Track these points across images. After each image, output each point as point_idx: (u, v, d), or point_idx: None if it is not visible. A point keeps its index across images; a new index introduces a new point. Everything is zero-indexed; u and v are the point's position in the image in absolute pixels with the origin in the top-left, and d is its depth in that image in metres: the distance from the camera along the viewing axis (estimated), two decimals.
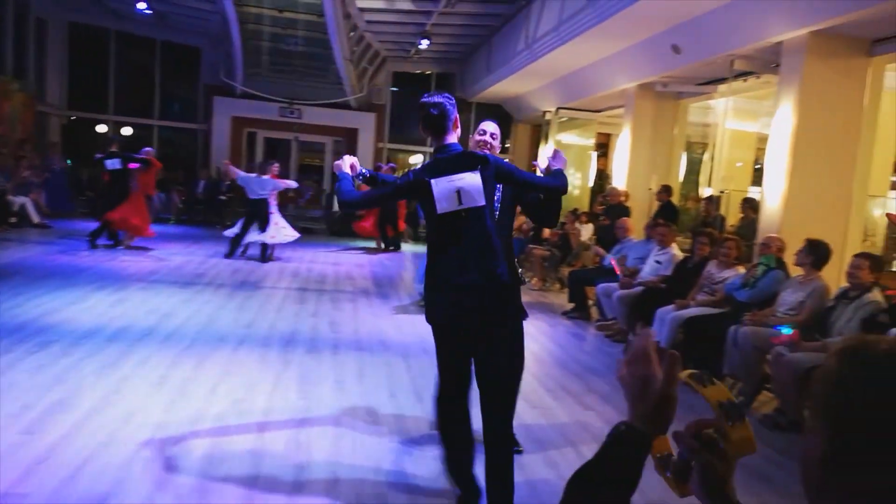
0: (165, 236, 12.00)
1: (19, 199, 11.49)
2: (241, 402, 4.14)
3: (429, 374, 5.06)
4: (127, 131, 16.50)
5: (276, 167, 10.61)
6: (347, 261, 11.23)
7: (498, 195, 3.14)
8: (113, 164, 9.73)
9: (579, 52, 9.45)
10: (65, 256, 9.01)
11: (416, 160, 18.57)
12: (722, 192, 8.17)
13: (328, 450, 3.54)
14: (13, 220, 11.20)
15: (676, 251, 6.69)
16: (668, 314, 5.72)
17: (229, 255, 10.16)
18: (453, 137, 2.94)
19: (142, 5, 12.67)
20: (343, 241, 13.73)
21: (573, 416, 4.44)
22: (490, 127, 3.38)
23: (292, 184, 10.78)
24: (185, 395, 4.17)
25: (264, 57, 15.20)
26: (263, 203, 9.92)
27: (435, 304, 2.89)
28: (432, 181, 2.81)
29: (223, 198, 14.96)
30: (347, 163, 3.06)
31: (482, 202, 2.81)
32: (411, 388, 4.71)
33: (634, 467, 0.92)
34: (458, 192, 2.79)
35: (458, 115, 2.99)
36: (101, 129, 16.22)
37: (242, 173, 10.17)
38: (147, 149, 10.35)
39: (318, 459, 3.41)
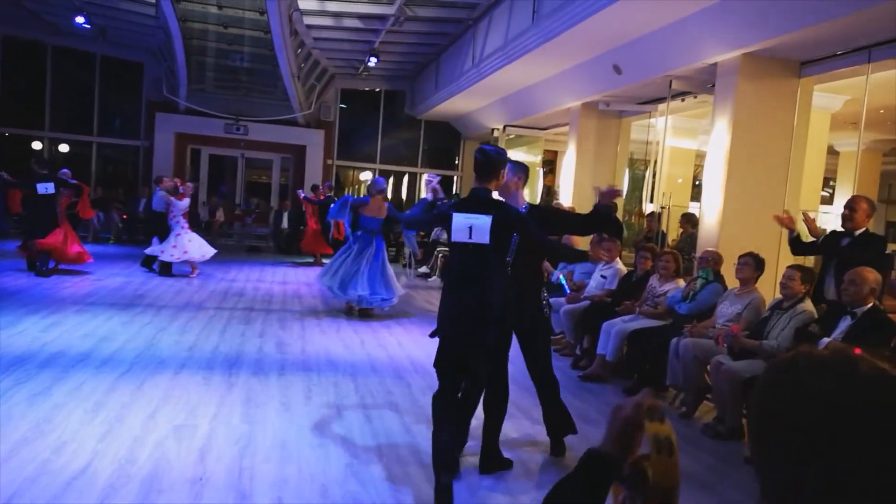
0: (105, 256, 11.60)
1: None
2: (182, 428, 4.00)
3: (377, 392, 5.02)
4: (64, 148, 15.94)
5: (188, 186, 10.39)
6: (295, 279, 11.06)
7: (514, 240, 3.67)
8: (46, 188, 8.99)
9: (525, 72, 9.63)
10: None
11: (366, 177, 18.53)
12: (663, 207, 8.41)
13: (273, 475, 3.45)
14: None
15: (621, 266, 6.83)
16: (613, 327, 5.83)
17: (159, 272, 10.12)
18: (488, 184, 3.44)
19: (80, 19, 12.28)
20: (290, 259, 13.54)
21: (521, 430, 4.47)
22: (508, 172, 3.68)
23: (179, 203, 9.94)
24: (122, 422, 4.01)
25: (209, 73, 14.94)
26: (158, 217, 10.25)
27: (440, 318, 3.52)
28: (454, 214, 3.40)
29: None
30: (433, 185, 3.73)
31: (487, 241, 3.32)
32: (359, 407, 4.65)
33: (601, 489, 1.03)
34: (470, 228, 3.34)
35: (504, 173, 3.51)
36: (37, 145, 15.63)
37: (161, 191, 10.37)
38: (64, 170, 9.86)
39: (263, 485, 3.32)
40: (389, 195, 18.81)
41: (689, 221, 8.25)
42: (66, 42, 14.94)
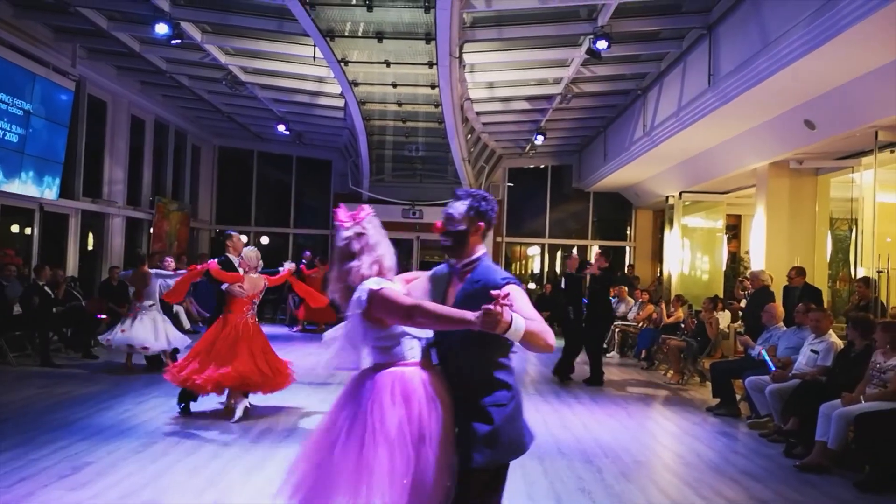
0: (301, 338, 12.62)
1: (175, 308, 12.56)
2: None
3: (567, 477, 4.79)
4: (265, 240, 17.87)
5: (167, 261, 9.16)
6: None
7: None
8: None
9: (702, 135, 9.25)
10: None
11: (534, 252, 18.62)
12: (880, 271, 7.43)
13: None
14: None
15: (835, 339, 6.08)
16: (833, 410, 5.13)
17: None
18: None
19: (282, 128, 14.01)
20: None
21: None
22: None
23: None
24: None
25: (387, 164, 16.15)
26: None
27: None
28: None
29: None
30: None
31: None
32: (552, 494, 4.46)
33: None
34: None
35: None
36: (243, 238, 17.67)
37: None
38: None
39: None
40: (558, 268, 18.73)
41: None
42: (268, 148, 17.03)
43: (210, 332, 6.19)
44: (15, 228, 10.53)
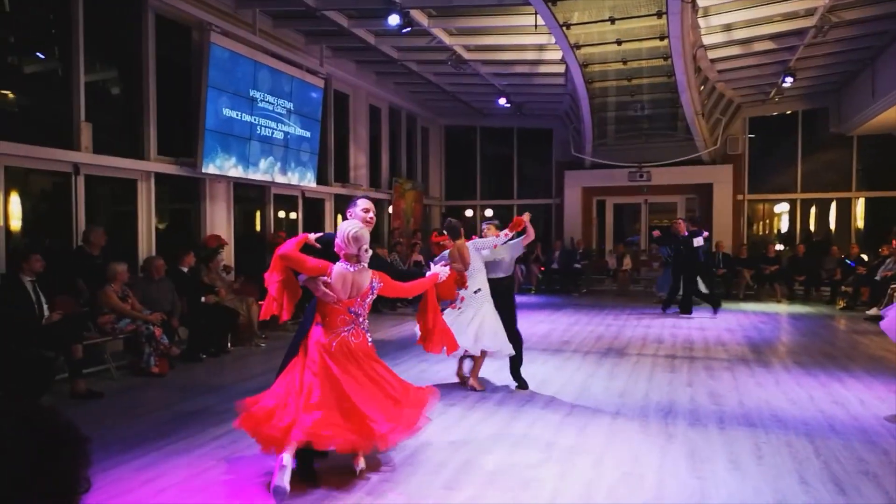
0: (529, 305, 12.83)
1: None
2: (630, 476, 3.99)
3: (845, 458, 4.24)
4: (489, 212, 18.40)
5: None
6: (713, 325, 10.40)
7: None
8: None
9: None
10: None
11: (782, 209, 16.70)
12: None
13: None
14: (399, 304, 12.88)
15: None
16: None
17: None
18: None
19: (502, 101, 14.24)
20: (696, 304, 12.63)
21: None
22: None
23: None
24: (573, 464, 4.19)
25: (610, 126, 15.56)
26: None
27: None
28: None
29: (578, 266, 15.46)
30: None
31: None
32: (827, 476, 3.97)
33: None
34: None
35: None
36: (469, 213, 18.41)
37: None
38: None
39: None
40: (812, 226, 16.59)
41: None
42: (490, 122, 17.44)
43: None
44: (281, 214, 12.11)
